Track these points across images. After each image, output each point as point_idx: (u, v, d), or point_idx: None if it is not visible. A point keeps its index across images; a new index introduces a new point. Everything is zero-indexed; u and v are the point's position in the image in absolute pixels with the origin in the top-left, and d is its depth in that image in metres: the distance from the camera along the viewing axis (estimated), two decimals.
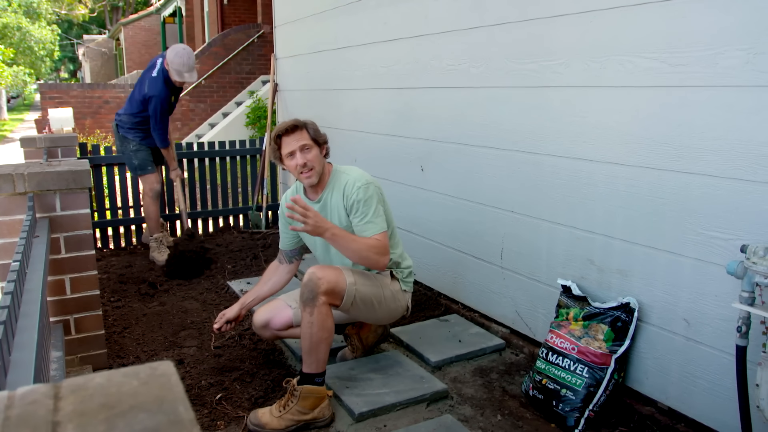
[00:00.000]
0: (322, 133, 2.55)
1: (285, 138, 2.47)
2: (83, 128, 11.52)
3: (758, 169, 1.92)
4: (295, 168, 2.46)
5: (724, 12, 1.97)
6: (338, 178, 2.55)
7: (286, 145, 2.46)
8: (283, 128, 2.47)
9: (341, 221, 2.50)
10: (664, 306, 2.28)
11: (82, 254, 2.65)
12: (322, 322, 2.33)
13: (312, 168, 2.47)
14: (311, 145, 2.48)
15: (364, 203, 2.45)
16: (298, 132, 2.47)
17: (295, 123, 2.48)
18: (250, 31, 11.71)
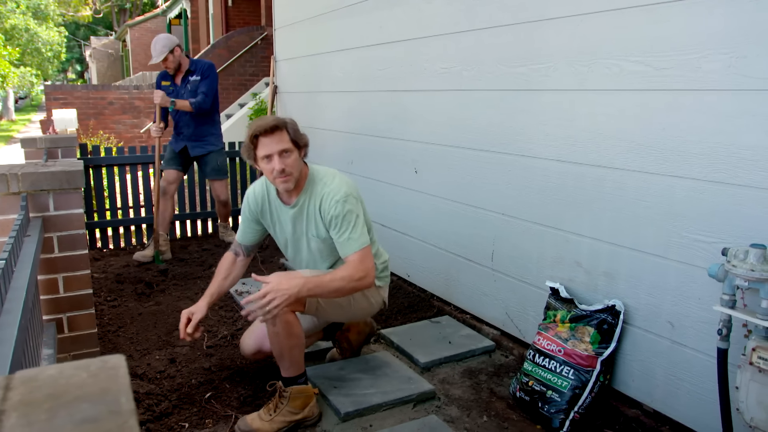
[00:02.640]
0: (302, 134, 2.40)
1: (263, 138, 2.28)
2: (87, 129, 11.59)
3: (739, 173, 1.93)
4: (271, 172, 2.30)
5: (707, 17, 1.99)
6: (315, 183, 2.42)
7: (263, 147, 2.28)
8: (261, 128, 2.27)
9: (318, 231, 2.42)
10: (649, 309, 2.29)
11: (75, 253, 2.68)
12: (289, 330, 2.28)
13: (290, 174, 2.31)
14: (291, 149, 2.31)
15: (343, 219, 2.34)
16: (278, 133, 2.29)
17: (276, 123, 2.29)
18: (253, 33, 11.77)
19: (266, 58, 11.38)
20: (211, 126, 4.75)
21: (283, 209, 2.48)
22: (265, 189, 2.54)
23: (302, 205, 2.43)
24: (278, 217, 2.52)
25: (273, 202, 2.52)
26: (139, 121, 12.30)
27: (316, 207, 2.39)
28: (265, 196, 2.53)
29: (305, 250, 2.52)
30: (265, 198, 2.54)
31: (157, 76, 4.82)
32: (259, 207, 2.55)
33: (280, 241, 2.60)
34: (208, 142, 4.73)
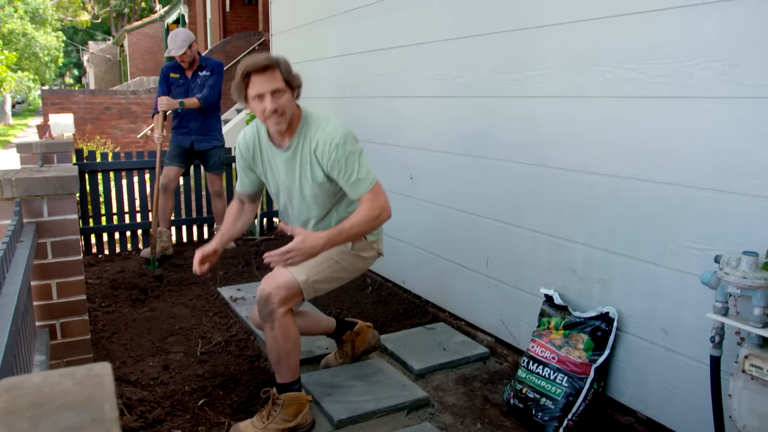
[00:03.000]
0: (296, 74, 2.30)
1: (255, 77, 2.19)
2: (84, 134, 11.58)
3: (732, 180, 1.94)
4: (263, 113, 2.22)
5: (700, 25, 2.00)
6: (309, 125, 2.34)
7: (254, 86, 2.19)
8: (253, 66, 2.17)
9: (313, 174, 2.33)
10: (642, 315, 2.29)
11: (69, 259, 2.67)
12: (286, 334, 2.28)
13: (282, 114, 2.23)
14: (284, 89, 2.22)
15: (346, 161, 2.26)
16: (271, 72, 2.19)
17: (268, 62, 2.19)
18: (251, 38, 11.80)
19: None
20: (216, 121, 4.95)
21: (276, 153, 2.40)
22: (256, 133, 2.46)
23: (295, 148, 2.35)
24: (270, 162, 2.45)
25: (264, 147, 2.44)
26: (136, 126, 12.30)
27: (311, 150, 2.30)
28: (256, 141, 2.45)
29: (298, 195, 2.43)
30: (255, 143, 2.46)
31: (164, 69, 4.85)
32: (250, 153, 2.48)
33: (272, 188, 2.52)
34: (213, 137, 4.90)
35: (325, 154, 2.27)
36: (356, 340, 2.83)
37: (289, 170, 2.39)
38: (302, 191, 2.40)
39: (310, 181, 2.35)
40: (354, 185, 2.28)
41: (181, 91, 4.76)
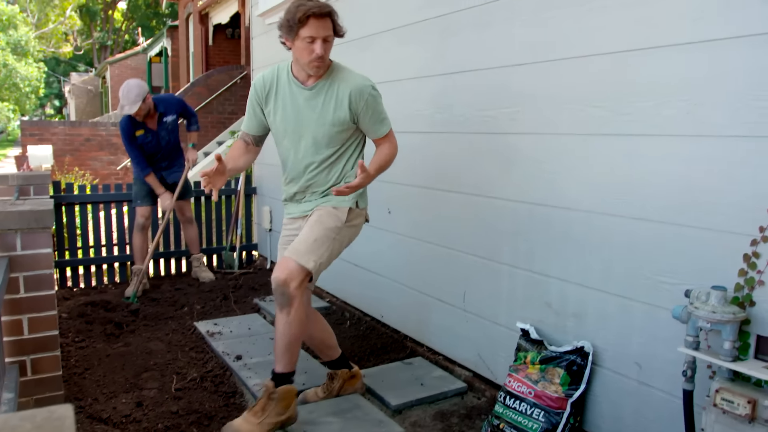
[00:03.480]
0: (341, 26, 2.42)
1: (314, 20, 2.30)
2: (62, 166, 11.50)
3: (700, 215, 1.98)
4: (309, 54, 2.34)
5: (666, 66, 2.06)
6: (339, 71, 2.49)
7: (311, 28, 2.30)
8: (317, 9, 2.29)
9: (336, 114, 2.45)
10: (617, 350, 2.31)
11: (41, 294, 2.64)
12: (300, 320, 2.41)
13: (324, 60, 2.38)
14: (332, 38, 2.38)
15: (376, 104, 2.48)
16: (328, 19, 2.34)
17: (330, 9, 2.35)
18: (233, 72, 11.89)
19: (245, 96, 11.43)
20: (180, 153, 4.96)
21: (299, 90, 2.48)
22: (275, 73, 2.56)
23: (320, 89, 2.46)
24: (285, 99, 2.51)
25: (283, 85, 2.52)
26: (116, 157, 12.24)
27: (345, 92, 2.43)
28: (274, 80, 2.54)
29: (309, 136, 2.51)
30: (274, 80, 2.55)
31: (126, 128, 4.50)
32: (265, 90, 2.55)
33: (279, 127, 2.56)
34: (180, 165, 4.93)
35: (363, 96, 2.44)
36: (348, 382, 2.83)
37: (308, 108, 2.48)
38: (316, 131, 2.49)
39: (330, 119, 2.46)
40: (380, 124, 2.53)
41: (152, 145, 4.62)
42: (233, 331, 3.75)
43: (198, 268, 5.10)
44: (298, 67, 2.47)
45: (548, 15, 2.50)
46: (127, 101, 4.30)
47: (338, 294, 4.36)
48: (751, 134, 1.84)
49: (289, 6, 2.35)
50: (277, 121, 2.56)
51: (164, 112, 4.63)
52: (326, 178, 2.57)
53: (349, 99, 2.43)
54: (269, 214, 5.45)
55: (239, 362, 3.24)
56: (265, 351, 3.40)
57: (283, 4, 4.78)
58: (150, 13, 32.23)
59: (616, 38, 2.23)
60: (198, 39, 14.54)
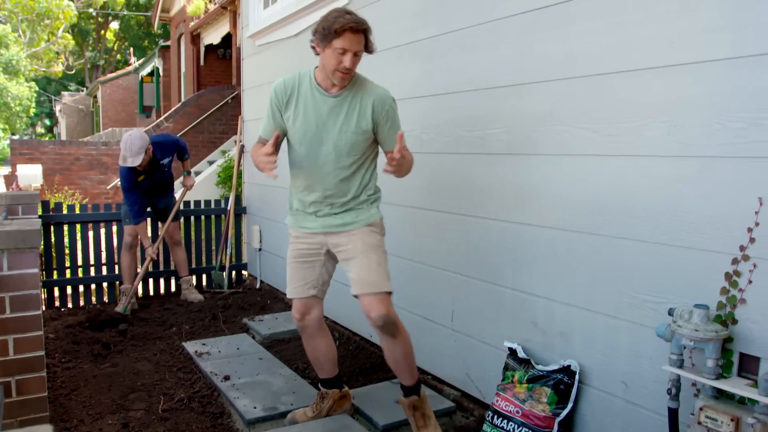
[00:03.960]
0: (372, 42, 2.46)
1: (350, 34, 2.33)
2: (52, 185, 11.46)
3: (683, 235, 2.01)
4: (337, 65, 2.37)
5: (647, 88, 2.10)
6: (362, 82, 2.53)
7: (346, 40, 2.33)
8: (354, 24, 2.33)
9: (359, 123, 2.48)
10: (603, 368, 2.32)
11: (27, 314, 2.63)
12: (406, 333, 2.60)
13: (351, 73, 2.43)
14: (362, 53, 2.42)
15: (394, 115, 2.55)
16: (362, 35, 2.38)
17: (367, 26, 2.39)
18: (224, 92, 11.93)
19: (236, 116, 11.47)
20: (171, 179, 5.01)
21: (322, 97, 2.49)
22: (297, 79, 2.56)
23: (345, 98, 2.49)
24: (307, 105, 2.51)
25: (305, 90, 2.52)
26: (106, 177, 12.22)
27: (368, 102, 2.48)
28: (296, 86, 2.54)
29: (330, 143, 2.50)
30: (295, 85, 2.54)
31: (128, 176, 4.52)
32: (287, 94, 2.54)
33: (298, 132, 2.54)
34: (172, 191, 5.05)
35: (384, 106, 2.50)
36: (337, 403, 2.82)
37: (331, 115, 2.49)
38: (338, 139, 2.50)
39: (353, 128, 2.48)
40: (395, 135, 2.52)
41: (149, 184, 4.74)
42: (221, 351, 3.73)
43: (187, 290, 5.09)
44: (323, 75, 2.49)
45: (533, 38, 2.55)
46: (131, 153, 4.34)
47: (327, 314, 4.33)
48: (729, 155, 1.88)
49: (327, 14, 2.38)
50: (296, 126, 2.54)
51: (161, 157, 4.71)
52: (346, 188, 2.56)
53: (372, 108, 2.48)
54: (259, 234, 5.45)
55: (227, 382, 3.22)
56: (254, 371, 3.39)
57: (272, 26, 4.84)
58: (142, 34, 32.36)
59: (598, 61, 2.27)
60: (189, 59, 14.62)
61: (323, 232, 2.61)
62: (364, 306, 2.51)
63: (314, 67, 2.54)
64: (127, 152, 4.35)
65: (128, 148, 4.34)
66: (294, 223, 2.69)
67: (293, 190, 2.67)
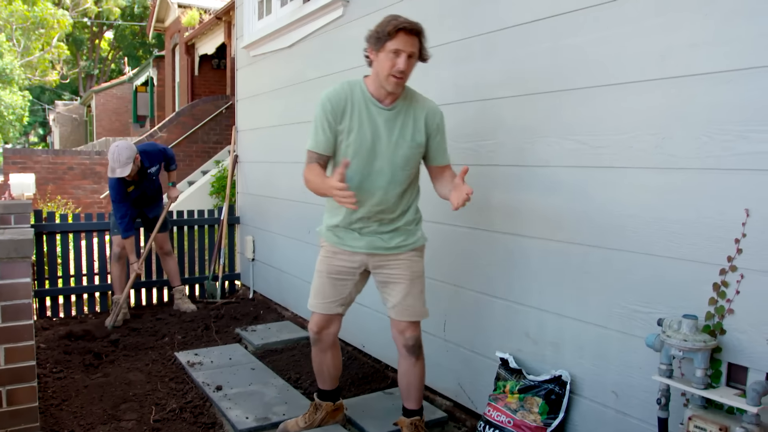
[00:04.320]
0: (427, 49, 2.40)
1: (404, 35, 2.28)
2: (45, 194, 11.43)
3: (671, 246, 2.03)
4: (390, 68, 2.29)
5: (637, 101, 2.13)
6: (414, 94, 2.49)
7: (400, 41, 2.27)
8: (408, 25, 2.28)
9: (415, 136, 2.44)
10: (594, 378, 2.34)
11: (19, 324, 2.61)
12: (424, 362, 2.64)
13: (404, 78, 2.34)
14: (415, 57, 2.35)
15: (444, 128, 2.51)
16: (416, 38, 2.32)
17: (420, 27, 2.32)
18: (218, 102, 11.96)
19: (230, 126, 11.47)
20: (160, 189, 5.03)
21: (378, 110, 2.41)
22: (349, 89, 2.45)
23: (400, 110, 2.43)
24: (362, 117, 2.41)
25: (358, 102, 2.42)
26: (99, 186, 12.20)
27: (423, 114, 2.45)
28: (349, 96, 2.43)
29: (386, 157, 2.41)
30: (348, 96, 2.43)
31: (117, 187, 4.51)
32: (342, 104, 2.42)
33: (352, 145, 2.41)
34: (161, 202, 5.03)
35: (436, 119, 2.47)
36: (330, 415, 2.82)
37: (387, 128, 2.42)
38: (394, 152, 2.42)
39: (409, 141, 2.43)
40: (446, 151, 2.54)
41: (138, 194, 4.76)
42: (214, 361, 3.73)
43: (180, 300, 5.08)
44: (376, 85, 2.40)
45: (524, 52, 2.58)
46: (119, 164, 4.34)
47: None
48: (716, 167, 1.90)
49: (382, 20, 2.34)
50: (350, 139, 2.42)
51: (149, 166, 4.71)
52: (396, 204, 2.49)
53: (425, 120, 2.45)
54: (252, 244, 5.45)
55: (219, 393, 3.22)
56: (246, 381, 3.38)
57: (267, 37, 4.87)
58: (136, 43, 32.40)
59: (588, 74, 2.30)
60: (184, 69, 14.64)
61: (366, 252, 2.52)
62: (398, 327, 2.55)
63: (363, 77, 2.47)
64: (115, 163, 4.34)
65: (116, 159, 4.33)
66: (334, 239, 2.57)
67: (334, 206, 2.53)
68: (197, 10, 14.13)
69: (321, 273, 2.61)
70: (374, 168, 2.43)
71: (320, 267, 2.62)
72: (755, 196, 1.82)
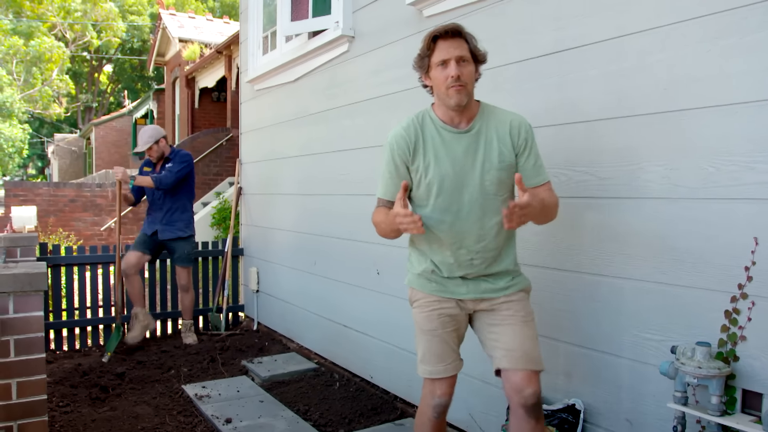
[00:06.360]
0: (480, 49, 2.14)
1: (441, 42, 2.07)
2: (46, 226, 11.44)
3: (681, 274, 2.07)
4: (445, 80, 2.06)
5: (642, 133, 2.19)
6: (493, 110, 2.19)
7: (440, 51, 2.07)
8: (441, 30, 2.07)
9: (502, 157, 2.12)
10: (607, 407, 2.34)
11: (31, 357, 2.62)
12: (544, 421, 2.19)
13: (465, 84, 2.06)
14: (468, 60, 2.08)
15: (535, 144, 2.16)
16: (458, 39, 2.08)
17: (457, 27, 2.09)
18: (219, 134, 12.07)
19: (231, 158, 11.60)
20: (183, 212, 5.00)
21: (454, 136, 2.14)
22: (416, 122, 2.20)
23: (479, 130, 2.14)
24: (438, 149, 2.14)
25: (430, 133, 2.17)
26: (100, 218, 12.21)
27: (506, 129, 2.14)
28: (418, 129, 2.18)
29: (474, 185, 2.12)
30: (418, 131, 2.17)
31: (142, 163, 5.09)
32: (411, 142, 2.17)
33: (434, 183, 2.14)
34: (177, 227, 4.96)
35: (522, 133, 2.14)
36: None
37: (469, 154, 2.13)
38: (483, 178, 2.12)
39: (496, 164, 2.12)
40: (540, 168, 2.16)
41: (152, 198, 4.98)
42: (222, 393, 3.71)
43: (184, 333, 5.07)
44: (443, 109, 2.16)
45: (528, 86, 2.64)
46: (141, 140, 4.89)
47: (327, 355, 4.35)
48: (724, 197, 1.95)
49: None
50: (429, 176, 2.15)
51: (170, 158, 4.93)
52: (497, 237, 2.17)
53: (509, 134, 2.14)
54: (256, 275, 5.46)
55: (229, 425, 3.20)
56: (255, 414, 3.37)
57: (271, 71, 4.96)
58: (135, 76, 32.75)
59: (591, 106, 2.37)
60: (184, 102, 14.80)
61: (473, 299, 2.20)
62: (514, 380, 2.10)
63: (430, 105, 2.23)
64: (140, 139, 4.88)
65: (140, 136, 4.89)
66: (432, 287, 2.24)
67: (426, 251, 2.25)
68: (198, 44, 14.35)
69: (427, 333, 2.25)
70: (464, 201, 2.14)
71: (424, 326, 2.25)
72: None
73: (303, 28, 4.42)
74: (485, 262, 2.17)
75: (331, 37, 4.02)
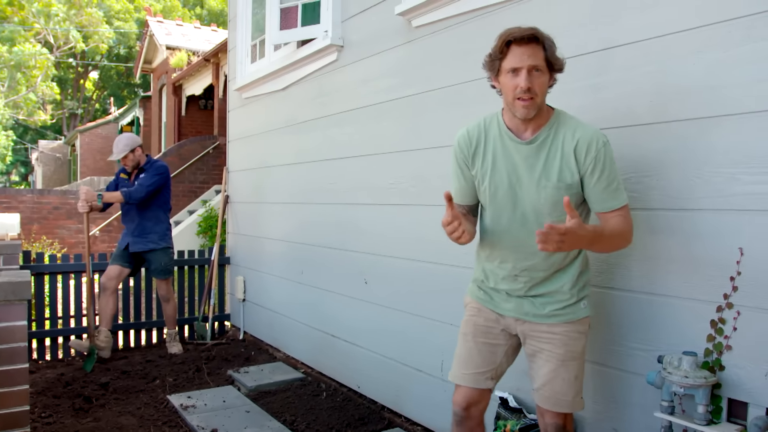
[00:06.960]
0: (559, 57, 1.95)
1: (516, 47, 1.89)
2: (29, 234, 11.31)
3: (668, 285, 2.09)
4: (513, 89, 1.89)
5: (628, 143, 2.21)
6: (565, 120, 1.99)
7: (513, 57, 1.89)
8: (519, 34, 1.88)
9: (562, 173, 1.94)
10: (595, 416, 2.35)
11: (14, 368, 2.58)
12: None
13: (534, 96, 1.89)
14: (543, 69, 1.91)
15: (610, 164, 1.92)
16: (534, 46, 1.89)
17: (535, 33, 1.89)
18: (205, 142, 12.02)
19: (217, 166, 11.56)
20: (155, 224, 4.87)
21: (515, 145, 2.00)
22: (483, 125, 2.09)
23: (544, 142, 1.97)
24: (497, 156, 2.03)
25: (493, 138, 2.05)
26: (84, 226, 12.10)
27: (572, 146, 1.93)
28: (482, 134, 2.07)
29: (528, 201, 1.99)
30: (481, 133, 2.07)
31: (118, 170, 4.99)
32: (472, 144, 2.08)
33: (488, 190, 2.05)
34: (149, 239, 4.85)
35: (591, 151, 1.91)
36: None
37: (528, 166, 1.98)
38: (538, 195, 1.97)
39: (554, 182, 1.94)
40: (613, 193, 1.93)
41: (126, 208, 4.89)
42: (207, 404, 3.68)
43: (169, 343, 5.02)
44: (510, 114, 2.01)
45: None
46: (116, 149, 4.79)
47: (314, 365, 4.33)
48: (710, 207, 1.97)
49: None
50: (485, 183, 2.05)
51: (144, 169, 4.83)
52: (547, 260, 2.01)
53: (574, 152, 1.93)
54: (243, 284, 5.43)
55: None
56: (241, 424, 3.34)
57: (260, 80, 4.96)
58: (122, 83, 32.57)
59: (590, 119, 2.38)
60: (171, 109, 14.73)
61: (515, 318, 2.11)
62: (540, 412, 2.10)
63: (501, 109, 2.09)
64: (115, 147, 4.80)
65: (115, 144, 4.82)
66: (480, 295, 2.20)
67: (482, 257, 2.20)
68: (186, 51, 14.30)
69: (466, 336, 2.19)
70: (515, 216, 2.03)
71: (465, 329, 2.20)
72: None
73: (292, 37, 4.42)
74: (531, 282, 2.05)
75: (320, 46, 4.03)
